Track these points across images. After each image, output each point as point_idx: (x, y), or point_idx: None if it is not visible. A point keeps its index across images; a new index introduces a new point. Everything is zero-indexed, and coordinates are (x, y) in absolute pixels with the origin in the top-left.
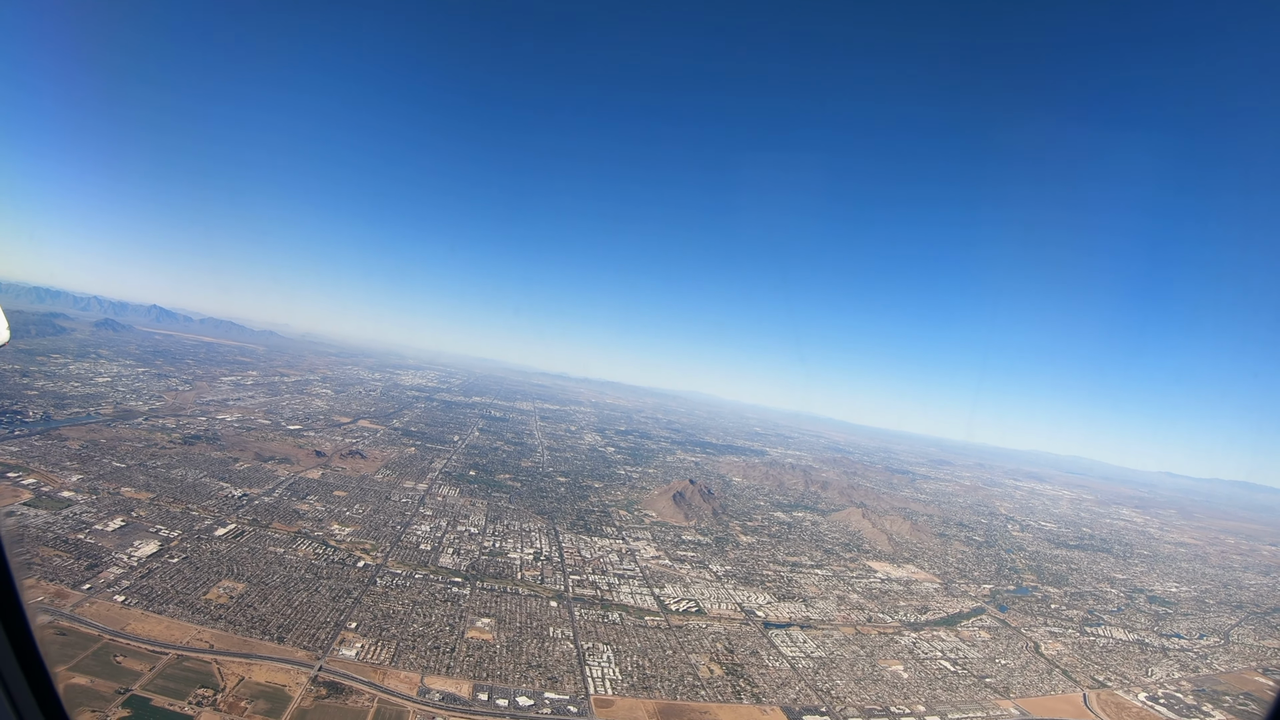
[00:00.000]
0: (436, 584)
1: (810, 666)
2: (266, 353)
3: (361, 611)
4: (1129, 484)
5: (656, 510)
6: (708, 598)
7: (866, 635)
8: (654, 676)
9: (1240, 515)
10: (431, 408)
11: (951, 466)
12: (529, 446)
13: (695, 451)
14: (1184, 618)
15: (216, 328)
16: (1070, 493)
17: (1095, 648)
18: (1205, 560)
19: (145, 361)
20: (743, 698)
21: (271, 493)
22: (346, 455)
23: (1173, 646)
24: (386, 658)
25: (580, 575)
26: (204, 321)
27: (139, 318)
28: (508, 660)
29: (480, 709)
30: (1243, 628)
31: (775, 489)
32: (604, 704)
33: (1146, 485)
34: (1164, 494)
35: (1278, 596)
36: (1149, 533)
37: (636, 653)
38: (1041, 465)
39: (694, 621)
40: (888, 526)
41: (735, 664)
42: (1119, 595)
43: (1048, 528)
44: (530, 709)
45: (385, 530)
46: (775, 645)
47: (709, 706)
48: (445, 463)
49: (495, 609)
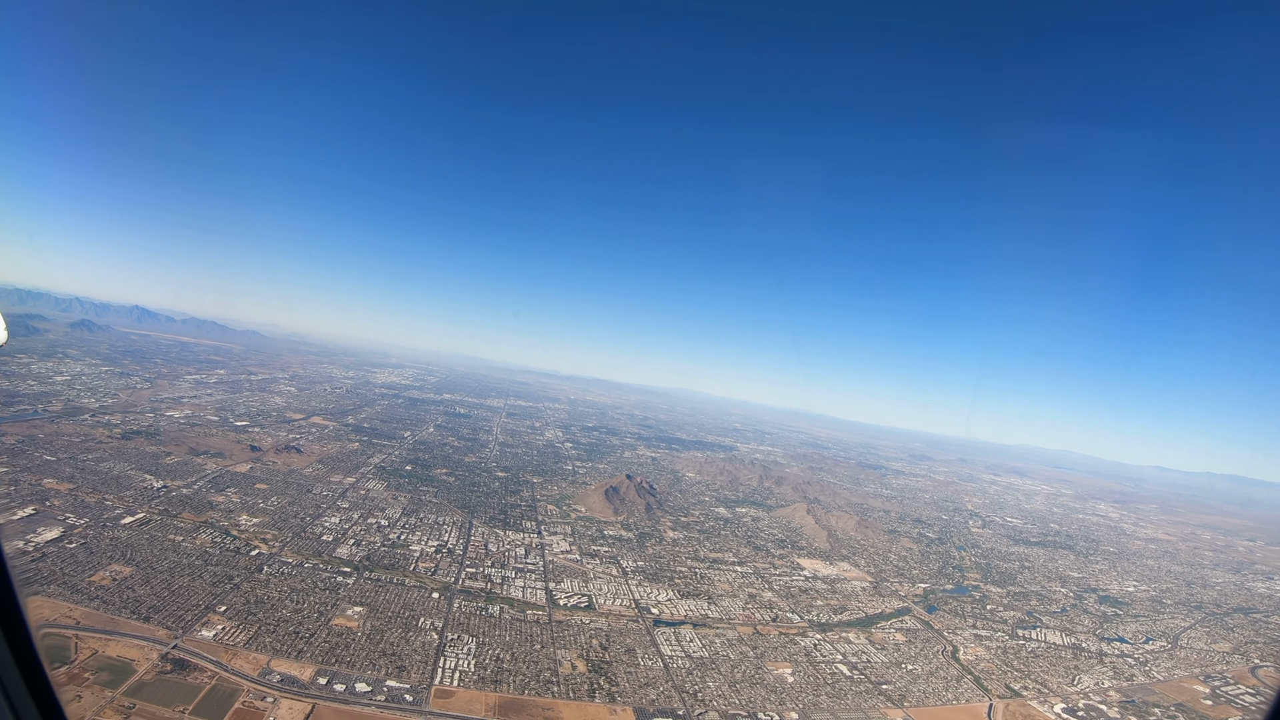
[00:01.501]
0: (323, 573)
1: (685, 667)
2: (243, 352)
3: (236, 597)
4: (1116, 478)
5: (587, 505)
6: (604, 593)
7: (765, 636)
8: (510, 671)
9: (1225, 510)
10: (394, 405)
11: (931, 462)
12: (481, 442)
13: (659, 448)
14: (1133, 620)
15: (199, 328)
16: (1049, 487)
17: (1022, 653)
18: (1174, 557)
19: (112, 361)
20: (596, 696)
21: (192, 485)
22: (282, 450)
23: (1111, 651)
24: (243, 640)
25: (477, 568)
26: (186, 322)
27: (120, 318)
28: (363, 648)
29: (313, 691)
30: (1196, 630)
31: (727, 484)
32: (444, 694)
33: (1134, 480)
34: (1150, 488)
35: (1242, 596)
36: (1121, 529)
37: (502, 646)
38: (1029, 460)
39: (579, 617)
40: (832, 523)
41: (604, 661)
42: (1067, 595)
43: (1012, 523)
44: (365, 694)
45: (292, 522)
46: (657, 643)
47: (555, 703)
48: (385, 458)
49: (373, 599)
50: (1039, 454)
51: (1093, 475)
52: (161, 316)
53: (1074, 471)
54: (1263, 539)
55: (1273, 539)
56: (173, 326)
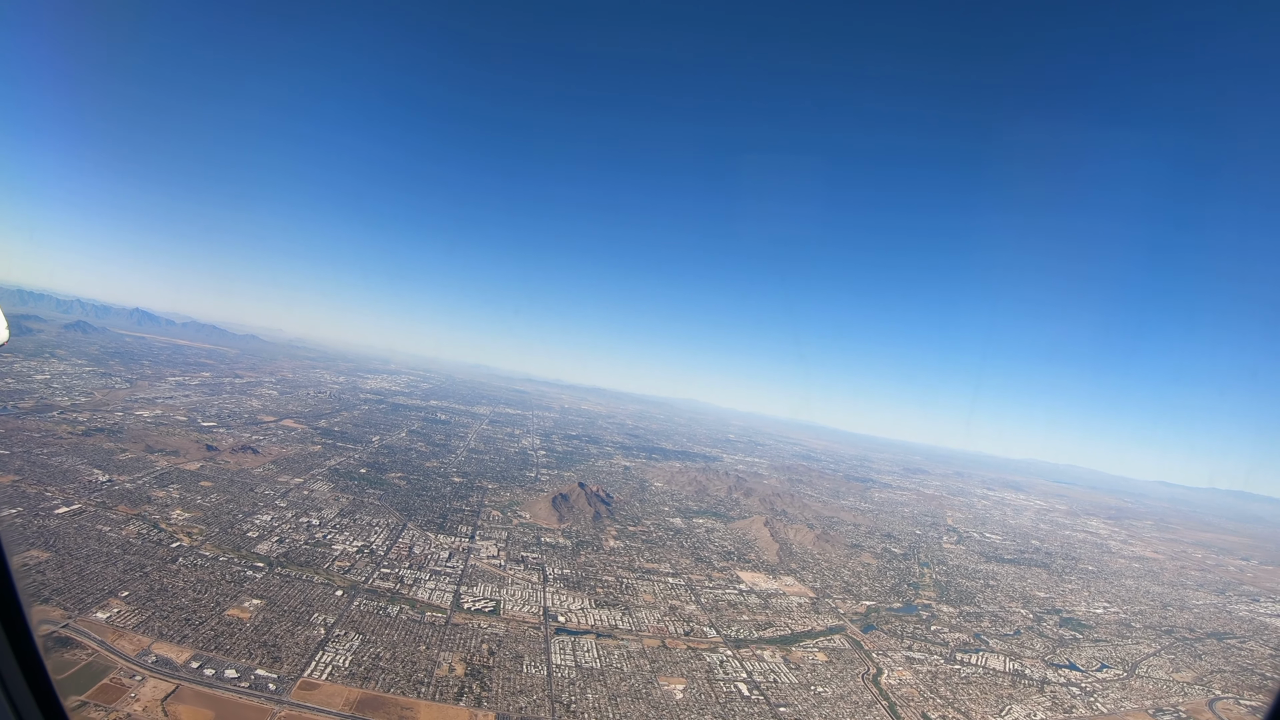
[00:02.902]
0: (235, 567)
1: (570, 677)
2: (237, 356)
3: (142, 584)
4: (1117, 493)
5: (532, 512)
6: (515, 600)
7: (671, 649)
8: (385, 669)
9: (1224, 527)
10: (375, 410)
11: (925, 475)
12: (449, 448)
13: (637, 457)
14: (1093, 645)
15: (198, 331)
16: (1043, 502)
17: (954, 679)
18: (1156, 577)
19: (98, 362)
20: (463, 700)
21: (137, 480)
22: (238, 450)
23: (1057, 680)
24: (134, 624)
25: (392, 569)
26: (186, 325)
27: (119, 321)
28: (247, 638)
29: (183, 674)
30: (1160, 657)
31: (693, 495)
32: (309, 686)
33: (1135, 495)
34: (1150, 504)
35: (1220, 620)
36: (1108, 546)
37: (386, 645)
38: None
39: (478, 621)
40: (790, 536)
41: (485, 666)
42: (1026, 617)
43: (991, 539)
44: (231, 680)
45: (223, 518)
46: (549, 652)
47: (416, 703)
48: (343, 461)
49: (275, 593)
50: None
51: (1093, 490)
52: (162, 320)
53: (1075, 486)
54: (1257, 558)
55: (1268, 558)
56: (171, 329)
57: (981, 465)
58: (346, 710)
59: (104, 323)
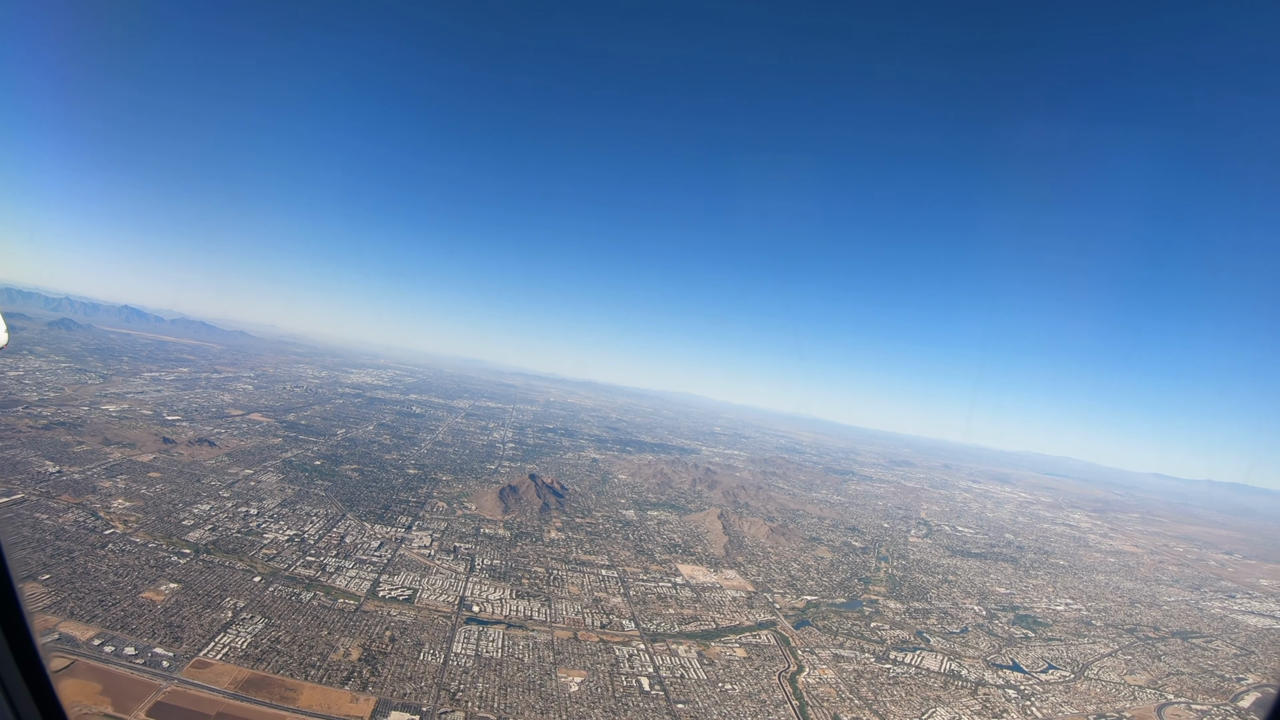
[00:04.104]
0: (162, 553)
1: (466, 666)
2: (222, 352)
3: (66, 567)
4: (1109, 485)
5: (478, 504)
6: (434, 589)
7: (583, 642)
8: (281, 652)
9: (1214, 520)
10: (349, 404)
11: (911, 467)
12: (414, 441)
13: (610, 450)
14: (1044, 644)
15: (186, 328)
16: (1028, 495)
17: (881, 679)
18: (1130, 572)
19: (77, 359)
20: (349, 684)
21: (86, 471)
22: (195, 443)
23: (995, 682)
24: (48, 604)
25: (318, 558)
26: (176, 322)
27: (107, 318)
28: (155, 619)
29: (83, 650)
30: (1115, 658)
31: (655, 488)
32: (201, 665)
33: (1127, 487)
34: (1141, 496)
35: (1189, 618)
36: (1086, 540)
37: (289, 630)
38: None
39: (390, 609)
40: (743, 529)
41: (381, 653)
42: (979, 614)
43: (962, 533)
44: (129, 657)
45: (163, 507)
46: (452, 640)
47: (302, 685)
48: (300, 453)
49: (194, 578)
50: (1037, 460)
51: (1085, 482)
52: (151, 316)
53: (1067, 478)
54: (1241, 552)
55: (1252, 552)
56: (160, 326)
57: (975, 458)
58: (231, 689)
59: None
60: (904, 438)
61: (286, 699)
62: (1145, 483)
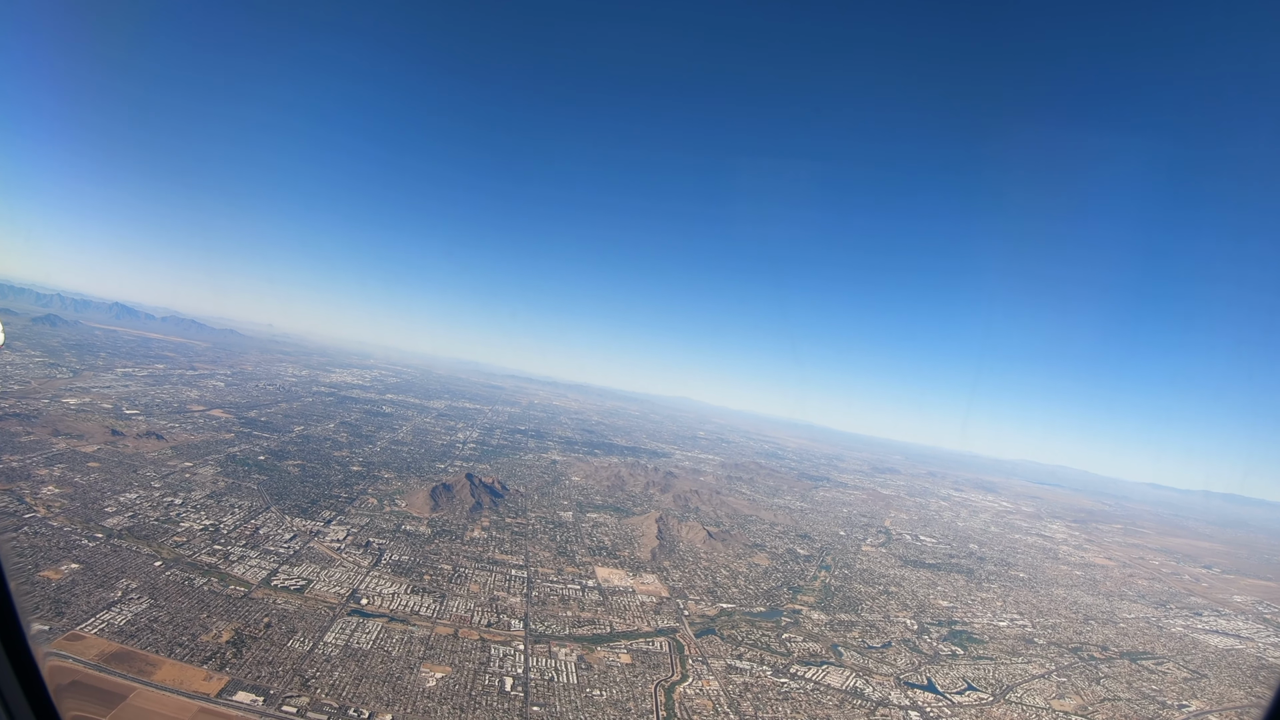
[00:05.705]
0: (74, 536)
1: (330, 655)
2: (205, 349)
3: None
4: (1099, 496)
5: (409, 501)
6: (330, 580)
7: (461, 639)
8: (155, 630)
9: (1199, 531)
10: (319, 403)
11: (893, 474)
12: (372, 440)
13: (575, 452)
14: (971, 662)
15: (175, 325)
16: (1009, 504)
17: (771, 694)
18: (1094, 586)
19: (53, 354)
20: (208, 664)
21: (25, 460)
22: (143, 436)
23: (900, 702)
24: None
25: (225, 547)
26: (166, 319)
27: (96, 314)
28: (45, 595)
29: None
30: (1048, 680)
31: (606, 490)
32: (74, 638)
33: (1118, 497)
34: (1131, 506)
35: (1145, 637)
36: (1057, 551)
37: (171, 611)
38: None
39: (277, 597)
40: (680, 533)
41: (251, 637)
42: (909, 628)
43: (924, 542)
44: None
45: (91, 495)
46: (326, 630)
47: (163, 661)
48: (247, 449)
49: (98, 561)
50: (1031, 469)
51: (1075, 492)
52: (141, 314)
53: (1058, 488)
54: (1220, 566)
55: (1233, 566)
56: (149, 324)
57: (966, 466)
58: (95, 660)
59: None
60: (897, 444)
61: (143, 672)
62: (1139, 493)
